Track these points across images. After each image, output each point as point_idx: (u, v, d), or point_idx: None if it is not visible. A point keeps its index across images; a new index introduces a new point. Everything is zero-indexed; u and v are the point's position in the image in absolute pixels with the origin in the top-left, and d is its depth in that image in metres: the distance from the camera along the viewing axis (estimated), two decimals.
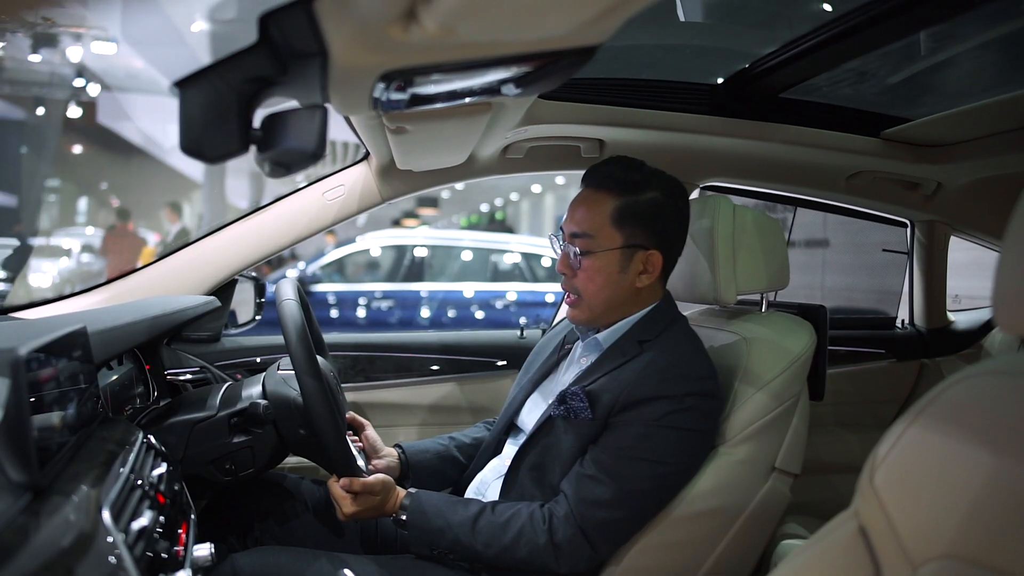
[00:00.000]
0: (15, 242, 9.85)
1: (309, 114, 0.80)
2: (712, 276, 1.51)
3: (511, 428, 1.58)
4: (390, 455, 1.57)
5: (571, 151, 1.88)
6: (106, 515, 0.79)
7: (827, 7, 1.59)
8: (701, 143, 1.84)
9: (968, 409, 0.61)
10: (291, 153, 0.81)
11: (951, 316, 2.47)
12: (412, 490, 1.35)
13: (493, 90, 0.92)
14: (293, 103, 0.84)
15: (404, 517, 1.31)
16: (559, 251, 1.47)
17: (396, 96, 0.89)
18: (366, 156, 1.81)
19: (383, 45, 0.67)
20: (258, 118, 0.78)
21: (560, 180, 17.90)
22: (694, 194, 2.04)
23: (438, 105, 0.98)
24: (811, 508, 1.83)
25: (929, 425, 0.63)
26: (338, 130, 1.39)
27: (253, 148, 0.79)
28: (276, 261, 9.78)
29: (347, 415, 1.60)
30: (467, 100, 0.95)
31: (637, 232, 1.38)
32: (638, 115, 1.74)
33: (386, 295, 7.17)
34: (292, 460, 1.73)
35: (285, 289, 1.36)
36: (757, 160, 1.96)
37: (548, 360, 1.60)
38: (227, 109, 0.75)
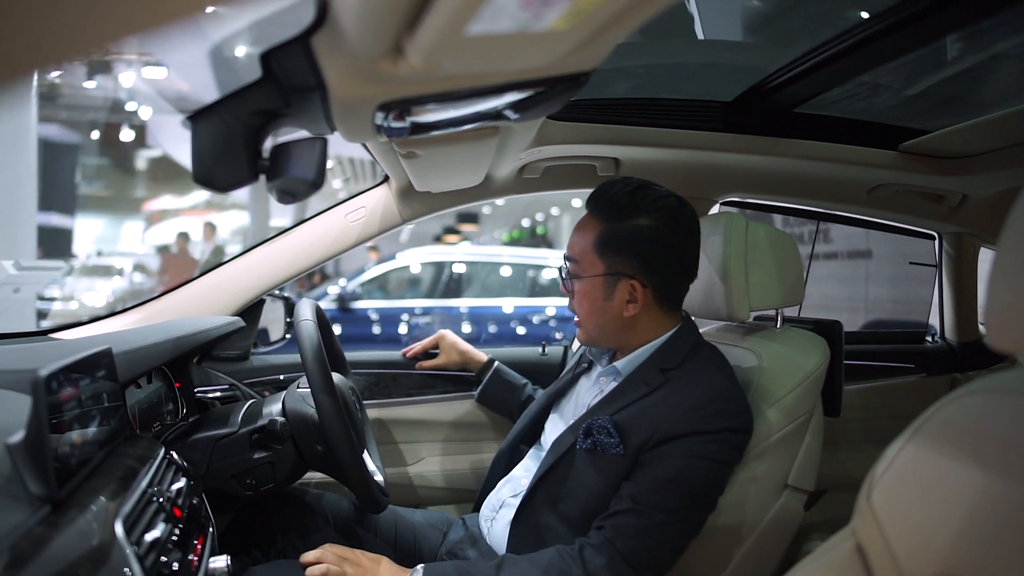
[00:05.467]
0: (62, 264, 10.20)
1: (310, 145, 0.85)
2: (725, 292, 1.50)
3: (533, 441, 1.59)
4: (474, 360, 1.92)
5: (587, 170, 1.90)
6: (118, 527, 0.83)
7: (861, 15, 1.55)
8: (717, 160, 1.84)
9: (961, 427, 0.61)
10: (296, 182, 0.86)
11: (983, 329, 2.40)
12: (421, 566, 1.27)
13: (493, 116, 0.95)
14: (299, 134, 0.89)
15: None
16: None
17: (397, 124, 0.92)
18: (386, 179, 1.85)
19: (376, 78, 0.70)
20: (266, 149, 0.83)
21: None
22: (714, 209, 2.04)
23: (443, 131, 1.01)
24: (838, 526, 1.79)
25: (923, 444, 0.63)
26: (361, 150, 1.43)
27: (262, 177, 0.84)
28: (320, 277, 9.95)
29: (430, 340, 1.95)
30: (469, 126, 0.98)
31: (619, 260, 1.35)
32: (651, 134, 1.75)
33: (425, 311, 7.25)
34: (317, 476, 1.77)
35: (303, 310, 1.41)
36: (775, 175, 1.95)
37: (565, 375, 1.60)
38: (236, 141, 0.80)
